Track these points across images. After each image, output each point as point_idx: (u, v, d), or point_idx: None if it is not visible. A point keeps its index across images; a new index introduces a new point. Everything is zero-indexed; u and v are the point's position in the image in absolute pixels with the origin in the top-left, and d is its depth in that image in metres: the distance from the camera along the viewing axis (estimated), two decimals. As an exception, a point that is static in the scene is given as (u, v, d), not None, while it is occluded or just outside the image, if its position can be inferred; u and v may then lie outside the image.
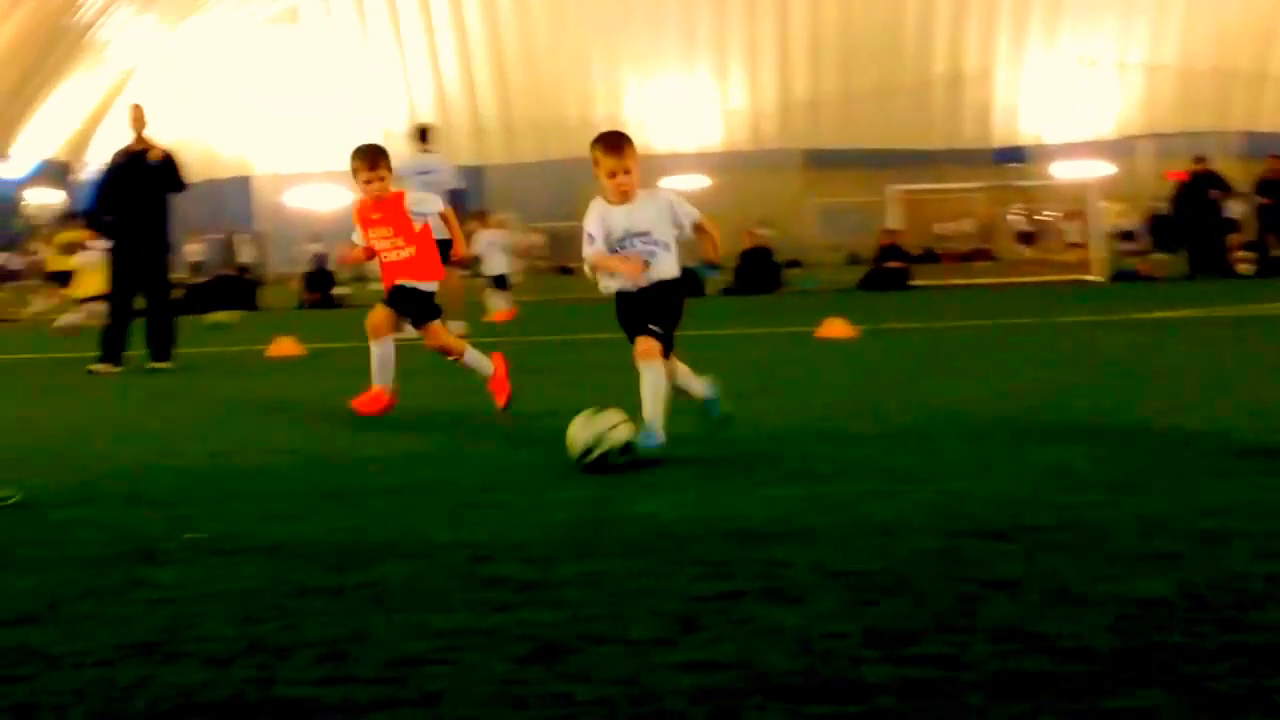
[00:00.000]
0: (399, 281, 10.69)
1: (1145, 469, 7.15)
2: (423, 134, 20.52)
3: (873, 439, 8.66)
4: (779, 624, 4.44)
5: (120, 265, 16.59)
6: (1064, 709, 3.61)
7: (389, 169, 10.78)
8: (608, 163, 8.38)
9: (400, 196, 10.79)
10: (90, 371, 15.98)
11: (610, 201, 8.41)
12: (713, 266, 9.28)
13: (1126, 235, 43.15)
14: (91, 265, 19.93)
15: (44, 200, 65.97)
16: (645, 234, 8.36)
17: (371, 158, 10.66)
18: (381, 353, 10.58)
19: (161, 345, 16.54)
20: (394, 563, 5.57)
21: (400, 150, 22.33)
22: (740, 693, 3.82)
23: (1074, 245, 44.73)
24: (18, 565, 5.81)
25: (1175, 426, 8.57)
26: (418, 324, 10.85)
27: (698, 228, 8.56)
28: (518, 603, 4.85)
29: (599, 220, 8.43)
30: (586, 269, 8.60)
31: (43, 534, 6.48)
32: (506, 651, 4.26)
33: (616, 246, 8.38)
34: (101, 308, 17.34)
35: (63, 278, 26.28)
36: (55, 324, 22.83)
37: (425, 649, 4.31)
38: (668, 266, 8.42)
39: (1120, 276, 32.61)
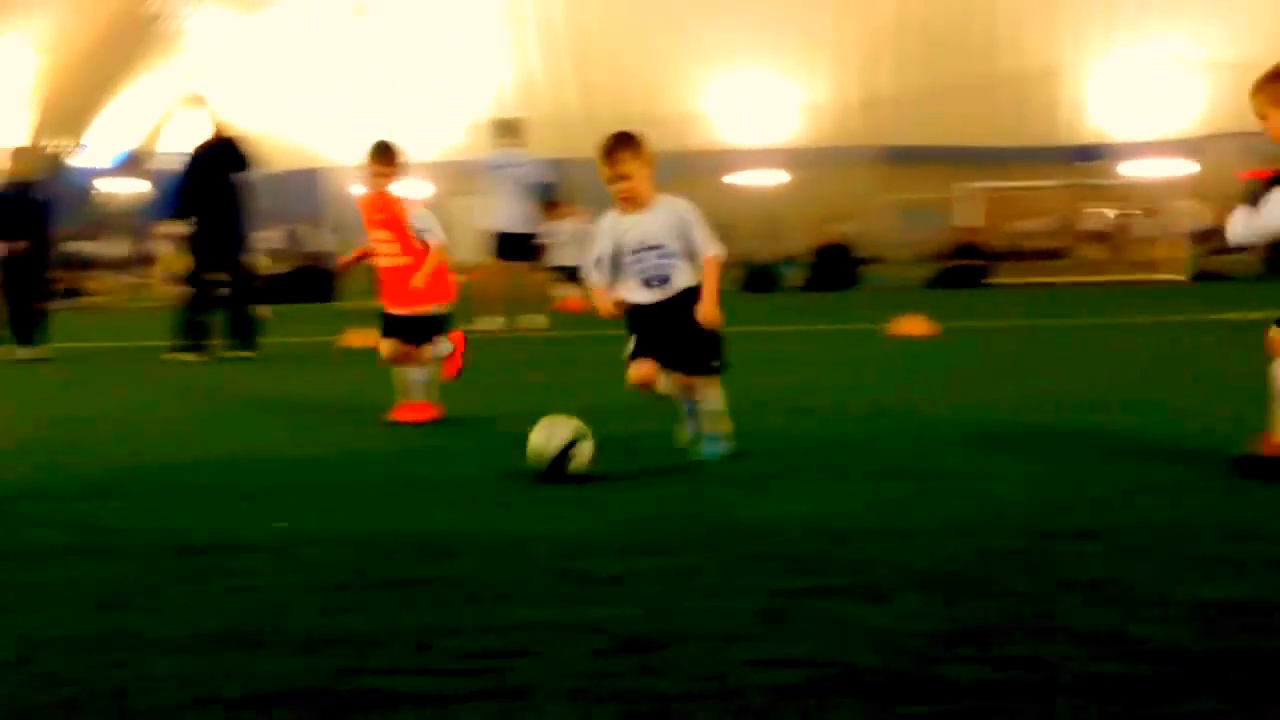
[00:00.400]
0: (399, 312, 10.13)
1: (1226, 472, 7.10)
2: (508, 127, 20.56)
3: (952, 437, 8.62)
4: (864, 622, 4.45)
5: (198, 254, 16.76)
6: (1156, 713, 3.60)
7: (395, 168, 10.28)
8: (601, 171, 7.78)
9: (403, 203, 10.30)
10: (169, 360, 16.12)
11: (622, 211, 7.88)
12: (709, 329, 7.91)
13: (1207, 234, 42.73)
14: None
15: (117, 189, 66.49)
16: (658, 246, 7.79)
17: (386, 153, 10.28)
18: (415, 375, 10.15)
19: (243, 334, 16.68)
20: (479, 555, 5.60)
21: (482, 143, 22.41)
22: (826, 690, 3.83)
23: (1153, 244, 44.33)
24: (110, 551, 5.88)
25: (1257, 430, 8.50)
26: (416, 344, 10.13)
27: (707, 263, 7.81)
28: (603, 597, 4.88)
29: (607, 234, 7.89)
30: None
31: (133, 521, 6.55)
32: (592, 645, 4.28)
33: (630, 259, 7.85)
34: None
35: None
36: None
37: (511, 642, 4.34)
38: (686, 277, 7.84)
39: (1200, 276, 32.35)
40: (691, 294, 7.78)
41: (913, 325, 16.76)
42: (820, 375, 12.60)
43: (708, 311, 7.68)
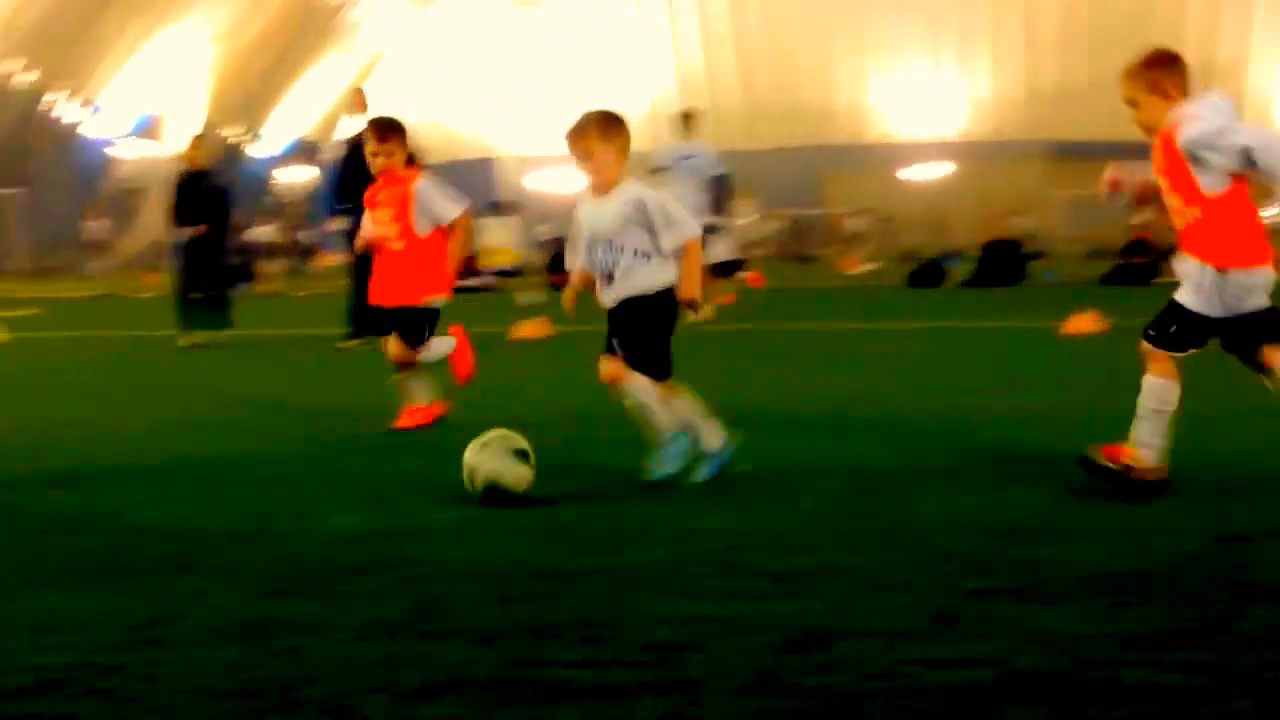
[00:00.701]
0: (391, 305, 9.52)
1: None
2: (685, 119, 20.58)
3: (1124, 438, 8.47)
4: (1036, 624, 4.41)
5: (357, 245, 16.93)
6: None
7: (402, 146, 9.57)
8: (569, 148, 7.25)
9: (409, 182, 9.52)
10: (340, 348, 16.32)
11: (592, 195, 7.30)
12: (690, 305, 7.23)
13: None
14: (498, 236, 19.99)
15: (293, 179, 67.54)
16: (608, 240, 7.11)
17: (382, 130, 9.55)
18: (420, 378, 9.60)
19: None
20: (648, 547, 5.62)
21: (651, 134, 22.45)
22: (998, 692, 3.81)
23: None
24: (273, 538, 5.98)
25: None
26: (412, 345, 9.48)
27: (681, 252, 7.08)
28: (771, 592, 4.88)
29: (580, 219, 7.34)
30: None
31: (297, 508, 6.65)
32: (761, 640, 4.29)
33: (589, 250, 7.28)
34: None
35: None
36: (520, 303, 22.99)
37: (680, 635, 4.35)
38: (639, 279, 7.08)
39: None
40: (639, 302, 7.09)
41: (1083, 323, 16.51)
42: (990, 373, 12.47)
43: (688, 290, 7.08)
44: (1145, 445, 6.58)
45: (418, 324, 9.49)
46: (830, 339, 16.75)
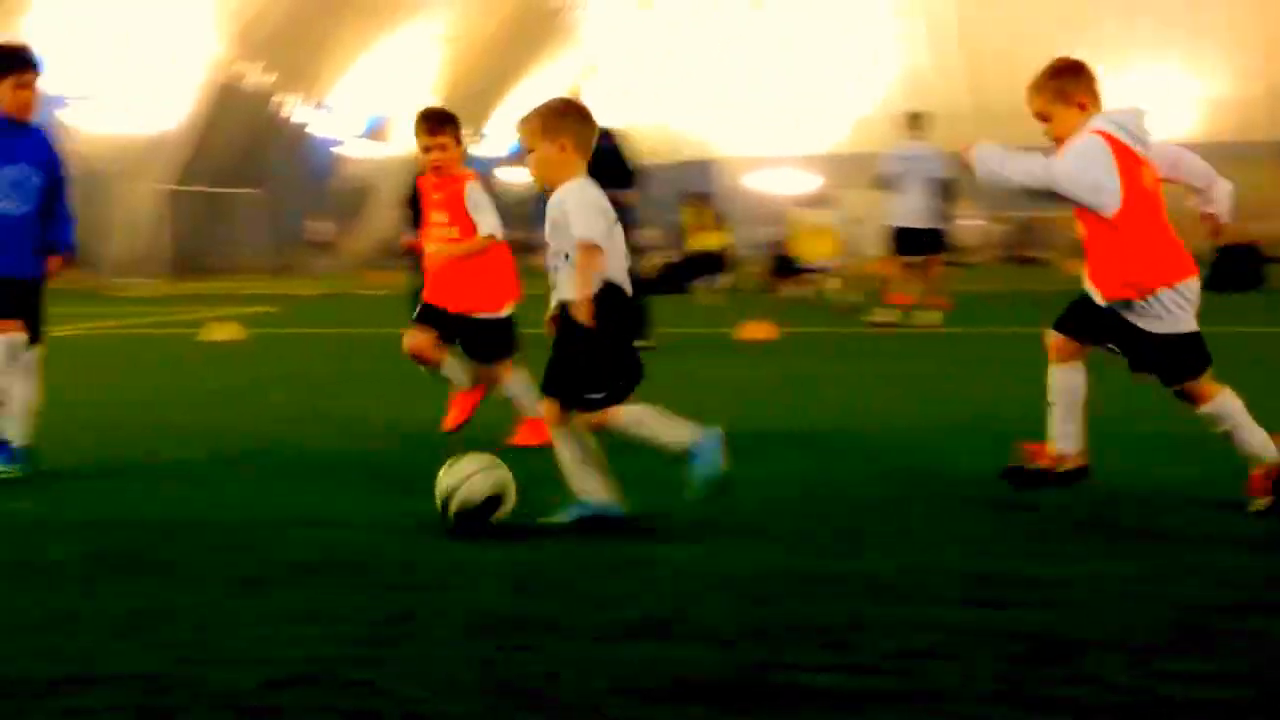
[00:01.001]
0: (462, 313, 8.66)
1: None
2: (912, 121, 20.44)
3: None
4: (1292, 640, 4.30)
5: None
6: None
7: (457, 140, 8.74)
8: None
9: (465, 181, 8.68)
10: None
11: None
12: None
13: None
14: (819, 230, 19.91)
15: (517, 179, 68.30)
16: (547, 244, 6.41)
17: (435, 122, 8.70)
18: (514, 389, 8.70)
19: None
20: (889, 553, 5.58)
21: (875, 137, 22.32)
22: (1253, 710, 3.71)
23: None
24: (516, 536, 6.02)
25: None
26: (488, 362, 8.73)
27: (579, 249, 6.17)
28: (1017, 600, 4.81)
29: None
30: None
31: (535, 506, 6.69)
32: (1007, 650, 4.23)
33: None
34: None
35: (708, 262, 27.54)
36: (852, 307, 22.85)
37: (926, 642, 4.31)
38: (567, 287, 6.28)
39: None
40: (567, 312, 6.27)
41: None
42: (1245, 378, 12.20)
43: (579, 311, 6.09)
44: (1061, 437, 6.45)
45: (504, 335, 8.78)
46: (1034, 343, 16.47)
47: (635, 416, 6.20)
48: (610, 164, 17.05)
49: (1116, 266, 6.27)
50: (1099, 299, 6.40)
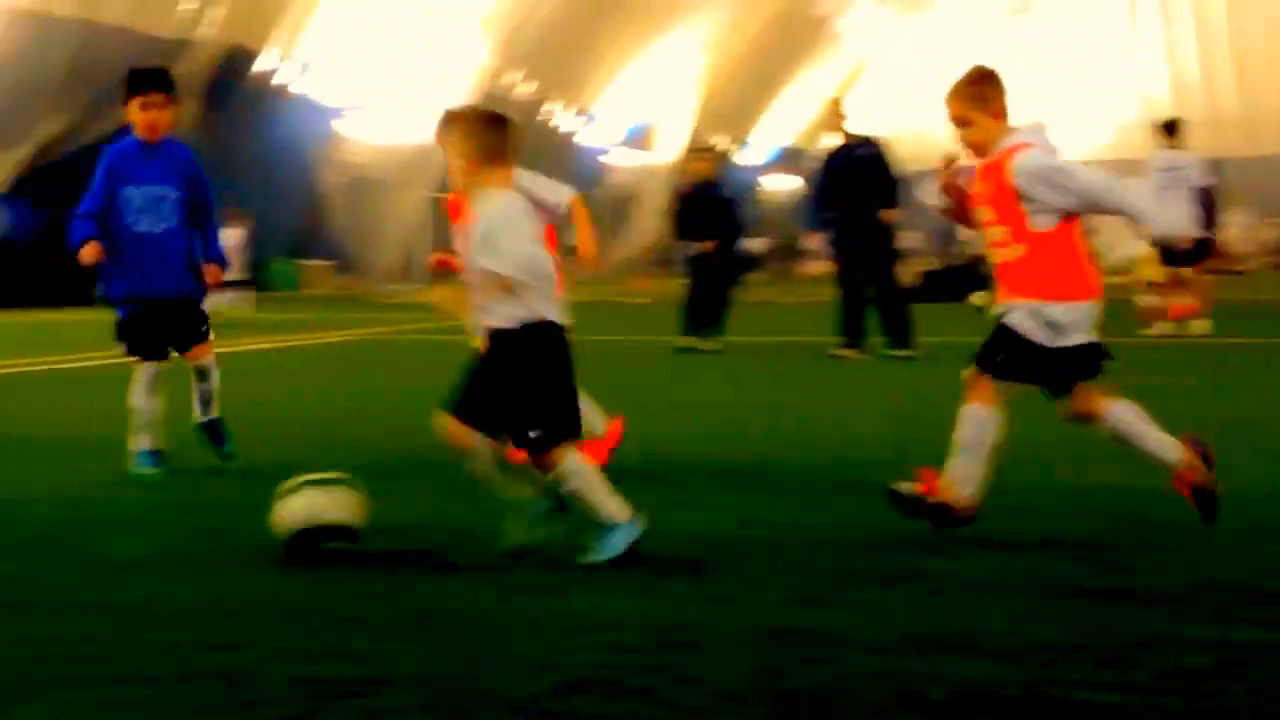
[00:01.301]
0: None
1: None
2: (1170, 128, 20.07)
3: None
4: None
5: (842, 256, 17.16)
6: None
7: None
8: None
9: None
10: (833, 355, 16.53)
11: None
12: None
13: None
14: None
15: (778, 186, 68.38)
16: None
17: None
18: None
19: (897, 332, 16.85)
20: (1167, 570, 5.50)
21: (1137, 143, 21.97)
22: None
23: None
24: (796, 545, 6.04)
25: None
26: None
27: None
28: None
29: None
30: None
31: (790, 514, 6.75)
32: (1295, 671, 4.17)
33: None
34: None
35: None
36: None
37: (1210, 662, 4.26)
38: (500, 310, 5.81)
39: None
40: (503, 338, 5.83)
41: None
42: None
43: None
44: (962, 481, 6.11)
45: None
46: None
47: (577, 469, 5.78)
48: (872, 173, 17.04)
49: (1062, 271, 6.11)
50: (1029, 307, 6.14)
